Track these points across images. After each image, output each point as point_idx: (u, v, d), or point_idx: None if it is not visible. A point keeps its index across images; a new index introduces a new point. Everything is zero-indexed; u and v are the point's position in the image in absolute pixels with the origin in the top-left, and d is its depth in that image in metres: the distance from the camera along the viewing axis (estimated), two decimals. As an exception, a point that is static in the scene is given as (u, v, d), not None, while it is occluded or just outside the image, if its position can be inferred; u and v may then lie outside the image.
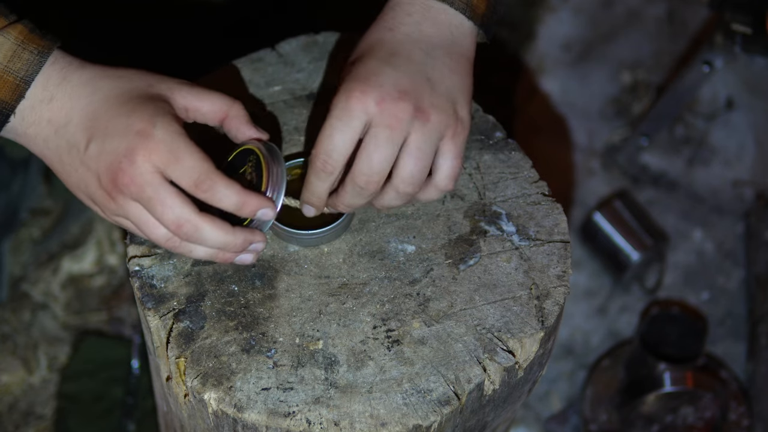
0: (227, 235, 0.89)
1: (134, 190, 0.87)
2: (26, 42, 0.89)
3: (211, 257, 0.91)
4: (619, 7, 2.09)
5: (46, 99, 0.90)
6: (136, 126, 0.87)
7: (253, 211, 0.89)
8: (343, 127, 0.90)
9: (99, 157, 0.88)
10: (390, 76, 0.91)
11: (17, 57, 0.88)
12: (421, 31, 0.94)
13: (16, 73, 0.89)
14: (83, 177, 0.90)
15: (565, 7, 2.10)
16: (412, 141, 0.91)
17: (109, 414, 1.60)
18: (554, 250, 0.98)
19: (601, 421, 1.64)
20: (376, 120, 0.90)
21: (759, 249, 1.76)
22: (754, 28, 1.60)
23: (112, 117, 0.89)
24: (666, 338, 1.64)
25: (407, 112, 0.90)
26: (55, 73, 0.90)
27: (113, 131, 0.88)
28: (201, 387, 0.89)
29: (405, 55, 0.93)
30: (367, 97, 0.90)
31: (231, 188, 0.87)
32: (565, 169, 1.91)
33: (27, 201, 1.75)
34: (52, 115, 0.90)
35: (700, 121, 1.96)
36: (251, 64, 1.10)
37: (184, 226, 0.87)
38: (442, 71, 0.93)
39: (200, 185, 0.87)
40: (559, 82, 2.01)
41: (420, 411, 0.88)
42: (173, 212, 0.87)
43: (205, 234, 0.88)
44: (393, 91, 0.90)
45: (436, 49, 0.94)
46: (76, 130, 0.89)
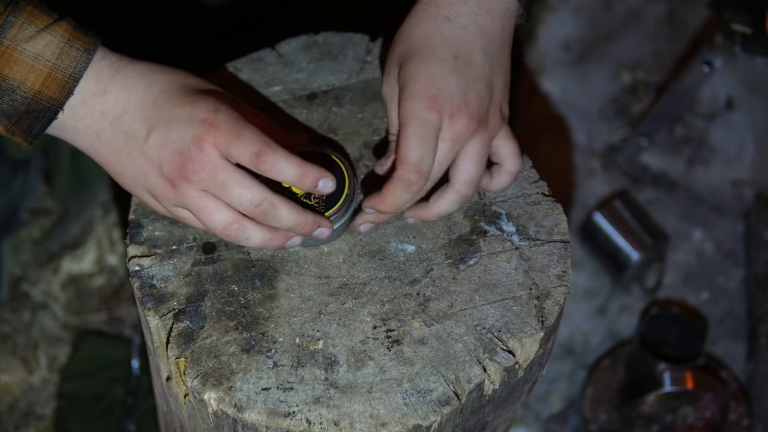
0: (300, 214, 0.90)
1: (205, 177, 0.87)
2: (72, 39, 0.89)
3: (264, 244, 0.91)
4: (619, 7, 2.09)
5: (100, 92, 0.90)
6: (200, 114, 0.88)
7: (315, 181, 0.89)
8: (428, 138, 0.91)
9: (163, 146, 0.88)
10: (458, 87, 0.92)
11: (65, 54, 0.89)
12: (478, 23, 0.94)
13: (65, 70, 0.89)
14: (142, 168, 0.90)
15: (565, 7, 2.10)
16: (471, 146, 0.93)
17: (109, 414, 1.60)
18: (554, 250, 0.98)
19: (601, 421, 1.64)
20: (445, 133, 0.92)
21: (759, 249, 1.76)
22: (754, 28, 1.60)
23: (174, 107, 0.89)
24: (666, 338, 1.64)
25: (473, 126, 0.92)
26: (107, 67, 0.91)
27: (177, 120, 0.88)
28: (201, 387, 0.89)
29: (467, 57, 0.93)
30: (442, 111, 0.91)
31: (291, 159, 0.88)
32: (565, 169, 1.91)
33: (27, 201, 1.75)
34: (105, 107, 0.90)
35: (700, 121, 1.96)
36: (251, 64, 1.10)
37: (262, 204, 0.88)
38: (497, 71, 0.95)
39: (260, 156, 0.87)
40: (559, 82, 2.01)
41: (420, 411, 0.88)
42: (251, 192, 0.88)
43: (281, 212, 0.89)
44: (462, 105, 0.91)
45: (492, 45, 0.95)
46: (134, 120, 0.90)
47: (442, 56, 0.93)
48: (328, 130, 1.05)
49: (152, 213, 0.99)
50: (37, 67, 0.88)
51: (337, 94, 1.08)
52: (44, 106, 0.90)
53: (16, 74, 0.88)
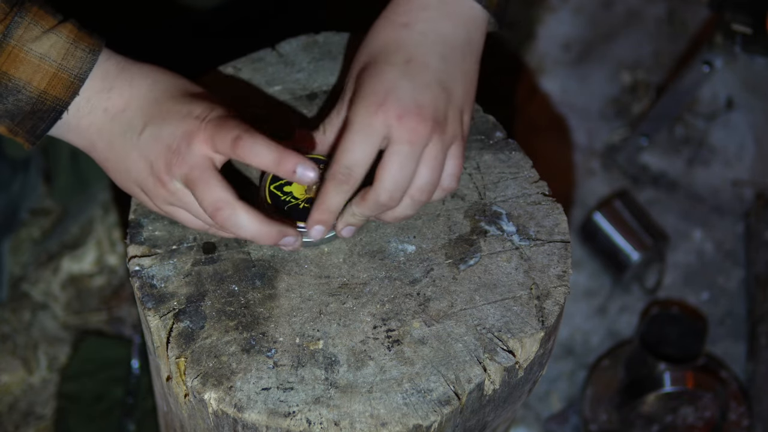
0: (262, 225, 0.89)
1: (184, 170, 0.88)
2: (78, 40, 0.90)
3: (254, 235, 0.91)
4: (619, 7, 2.10)
5: (105, 89, 0.91)
6: (196, 111, 0.89)
7: (293, 167, 0.88)
8: (364, 141, 0.90)
9: (154, 142, 0.89)
10: (408, 90, 0.90)
11: (71, 55, 0.90)
12: (438, 30, 0.93)
13: (71, 70, 0.90)
14: (135, 163, 0.90)
15: (565, 7, 2.10)
16: (429, 152, 0.91)
17: (109, 414, 1.60)
18: (554, 250, 0.98)
19: (601, 421, 1.64)
20: (397, 136, 0.90)
21: (759, 249, 1.76)
22: (754, 28, 1.60)
23: (173, 104, 0.90)
24: (666, 338, 1.64)
25: (427, 127, 0.90)
26: (113, 65, 0.92)
27: (172, 116, 0.89)
28: (201, 387, 0.89)
29: (422, 61, 0.92)
30: (388, 112, 0.89)
31: (270, 144, 0.87)
32: (565, 169, 1.91)
33: (27, 201, 1.75)
34: (109, 104, 0.91)
35: (700, 121, 1.96)
36: (251, 64, 1.10)
37: (223, 208, 0.88)
38: (457, 77, 0.93)
39: (238, 140, 0.86)
40: (559, 82, 2.01)
41: (420, 411, 0.88)
42: (213, 194, 0.87)
43: (241, 219, 0.88)
44: (413, 107, 0.90)
45: (452, 51, 0.93)
46: (134, 115, 0.91)
47: (394, 61, 0.92)
48: (328, 130, 1.05)
49: (152, 213, 0.99)
50: (43, 67, 0.89)
51: (337, 94, 1.08)
52: (49, 106, 0.90)
53: (22, 74, 0.89)
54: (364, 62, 0.94)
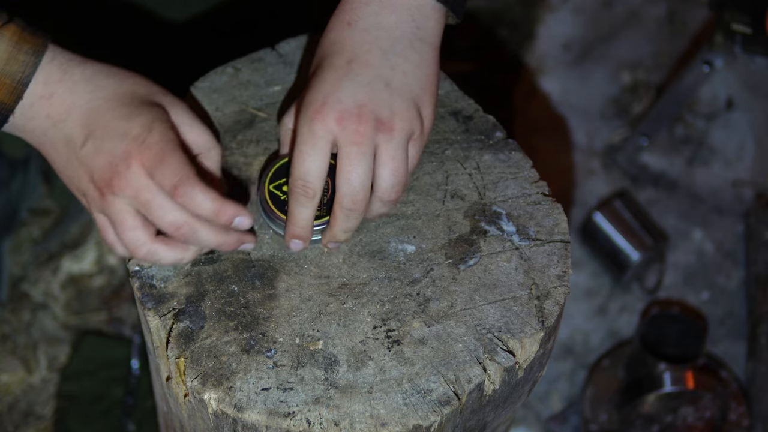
0: (222, 235, 0.90)
1: (129, 193, 0.87)
2: (20, 42, 0.89)
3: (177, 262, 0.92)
4: (619, 7, 2.10)
5: (47, 95, 0.90)
6: (134, 131, 0.88)
7: (230, 218, 0.89)
8: (311, 150, 0.90)
9: (95, 156, 0.88)
10: (347, 90, 0.90)
11: (13, 59, 0.88)
12: (380, 24, 0.92)
13: (13, 75, 0.89)
14: (77, 170, 0.90)
15: (565, 7, 2.10)
16: (383, 152, 0.91)
17: (109, 414, 1.60)
18: (554, 250, 0.98)
19: (601, 421, 1.64)
20: (341, 139, 0.90)
21: (759, 249, 1.76)
22: (754, 28, 1.60)
23: (112, 118, 0.89)
24: (666, 338, 1.64)
25: (369, 126, 0.90)
26: (56, 68, 0.90)
27: (111, 132, 0.88)
28: (201, 387, 0.89)
29: (362, 60, 0.91)
30: (326, 117, 0.89)
31: (208, 195, 0.87)
32: (565, 169, 1.91)
33: (27, 201, 1.75)
34: (51, 110, 0.90)
35: (700, 121, 1.96)
36: (251, 64, 1.10)
37: (182, 227, 0.88)
38: (404, 69, 0.92)
39: (178, 188, 0.87)
40: (559, 82, 2.01)
41: (420, 411, 0.88)
42: (172, 215, 0.87)
43: (202, 234, 0.89)
44: (352, 107, 0.90)
45: (397, 43, 0.92)
46: (75, 126, 0.90)
47: (335, 63, 0.92)
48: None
49: (152, 213, 0.99)
50: None
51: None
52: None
53: None
54: (314, 65, 0.94)
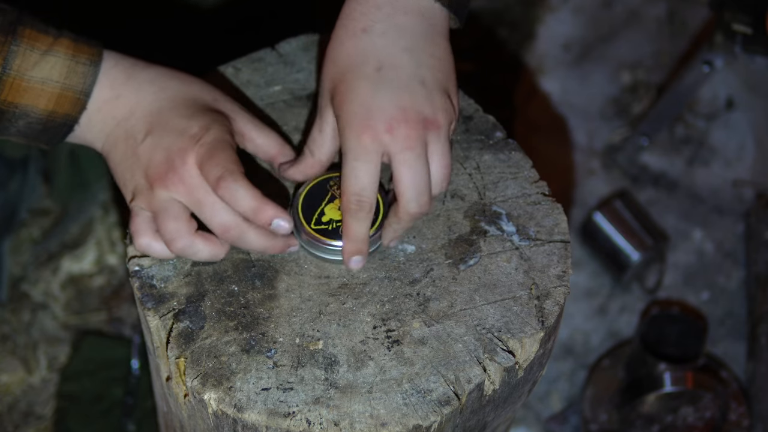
0: (269, 240, 0.92)
1: (182, 190, 0.89)
2: (77, 54, 0.91)
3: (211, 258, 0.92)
4: (619, 7, 2.10)
5: (113, 97, 0.92)
6: (192, 129, 0.90)
7: (269, 219, 0.90)
8: (363, 165, 0.91)
9: (153, 151, 0.90)
10: (387, 97, 0.91)
11: (72, 72, 0.91)
12: (396, 25, 0.93)
13: (75, 87, 0.91)
14: (132, 166, 0.91)
15: (565, 7, 2.10)
16: (433, 149, 0.92)
17: (109, 414, 1.60)
18: (554, 250, 0.98)
19: (601, 421, 1.64)
20: (394, 147, 0.90)
21: (759, 249, 1.76)
22: (754, 28, 1.60)
23: (173, 116, 0.91)
24: (666, 338, 1.64)
25: (418, 128, 0.91)
26: (120, 73, 0.92)
27: (171, 129, 0.90)
28: (201, 387, 0.89)
29: (391, 63, 0.92)
30: (375, 128, 0.90)
31: (250, 192, 0.89)
32: (565, 169, 1.91)
33: (27, 201, 1.75)
34: (117, 111, 0.92)
35: (700, 121, 1.96)
36: (251, 64, 1.10)
37: (232, 230, 0.90)
38: (431, 64, 0.93)
39: (220, 181, 0.88)
40: (559, 82, 2.01)
41: (420, 411, 0.88)
42: (223, 217, 0.89)
43: (250, 238, 0.91)
44: (397, 113, 0.90)
45: (417, 41, 0.93)
46: (137, 122, 0.91)
47: (366, 73, 0.92)
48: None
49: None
50: (47, 90, 0.90)
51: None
52: (60, 122, 0.92)
53: (27, 101, 0.90)
54: (335, 79, 0.94)
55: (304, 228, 0.95)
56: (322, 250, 0.96)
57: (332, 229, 0.95)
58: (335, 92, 0.93)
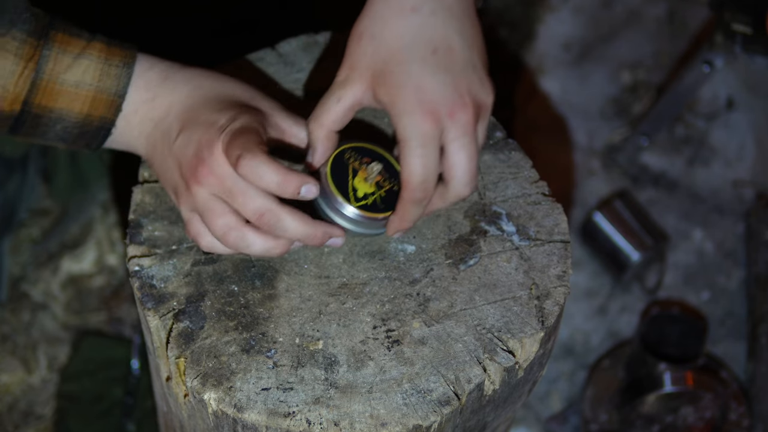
0: (308, 226, 0.89)
1: (213, 182, 0.88)
2: (109, 57, 0.91)
3: (265, 252, 0.90)
4: (619, 7, 2.10)
5: (149, 99, 0.92)
6: (220, 121, 0.89)
7: (297, 189, 0.87)
8: (428, 152, 0.90)
9: (186, 147, 0.90)
10: (447, 83, 0.90)
11: (105, 74, 0.91)
12: (444, 6, 0.91)
13: (109, 89, 0.91)
14: (169, 165, 0.91)
15: (565, 7, 2.10)
16: (480, 130, 0.92)
17: (109, 414, 1.60)
18: (554, 250, 0.98)
19: (601, 421, 1.64)
20: (454, 133, 0.90)
21: (759, 249, 1.76)
22: (754, 28, 1.60)
23: (205, 111, 0.91)
24: (666, 338, 1.64)
25: (473, 114, 0.91)
26: (156, 75, 0.93)
27: (201, 123, 0.90)
28: (201, 387, 0.89)
29: (446, 46, 0.91)
30: (438, 116, 0.89)
31: (271, 166, 0.86)
32: (565, 169, 1.91)
33: (26, 201, 1.75)
34: (154, 113, 0.92)
35: (700, 121, 1.96)
36: (251, 64, 1.10)
37: (266, 215, 0.88)
38: (477, 47, 0.93)
39: (240, 160, 0.86)
40: (559, 82, 2.01)
41: (420, 411, 0.88)
42: (255, 202, 0.87)
43: (287, 223, 0.88)
44: (456, 98, 0.90)
45: (463, 22, 0.92)
46: (173, 121, 0.92)
47: (421, 55, 0.90)
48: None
49: (152, 213, 0.99)
50: (81, 93, 0.90)
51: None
52: (96, 126, 0.92)
53: (62, 104, 0.91)
54: (378, 58, 0.91)
55: (349, 208, 0.93)
56: (371, 227, 0.94)
57: (372, 204, 0.94)
58: (384, 74, 0.91)
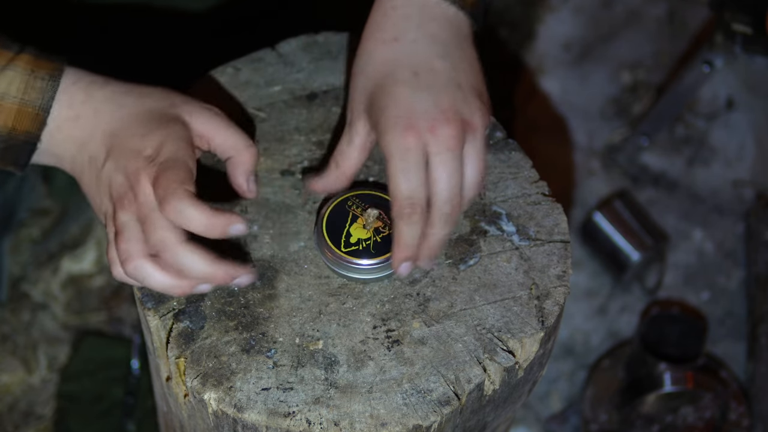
0: (208, 266, 0.86)
1: (134, 209, 0.87)
2: (36, 69, 0.90)
3: (165, 289, 0.88)
4: (619, 7, 2.09)
5: (72, 117, 0.90)
6: (146, 150, 0.88)
7: (224, 229, 0.85)
8: (411, 167, 0.89)
9: (114, 173, 0.88)
10: (427, 100, 0.90)
11: (30, 87, 0.89)
12: (427, 32, 0.93)
13: (33, 102, 0.89)
14: (98, 191, 0.90)
15: (565, 7, 2.10)
16: (470, 151, 0.91)
17: (109, 414, 1.60)
18: (554, 250, 0.98)
19: (601, 421, 1.64)
20: (435, 148, 0.89)
21: (759, 249, 1.76)
22: (754, 28, 1.60)
23: (129, 137, 0.89)
24: (666, 338, 1.64)
25: (458, 128, 0.90)
26: (79, 91, 0.91)
27: (127, 152, 0.88)
28: (201, 387, 0.89)
29: (427, 68, 0.92)
30: (418, 130, 0.89)
31: (198, 208, 0.85)
32: (565, 169, 1.91)
33: (26, 201, 1.75)
34: (77, 132, 0.91)
35: (700, 121, 1.96)
36: (251, 64, 1.10)
37: (168, 249, 0.85)
38: (463, 68, 0.93)
39: (164, 201, 0.84)
40: (559, 82, 2.01)
41: (420, 411, 0.88)
42: (156, 234, 0.85)
43: (186, 260, 0.85)
44: (439, 114, 0.90)
45: (448, 47, 0.93)
46: (97, 146, 0.90)
47: (402, 78, 0.91)
48: (328, 129, 1.05)
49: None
50: (5, 106, 0.89)
51: (337, 94, 1.08)
52: (22, 140, 0.90)
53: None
54: (368, 89, 0.93)
55: (334, 251, 0.94)
56: (356, 272, 0.95)
57: (363, 249, 0.95)
58: (372, 101, 0.92)
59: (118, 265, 0.88)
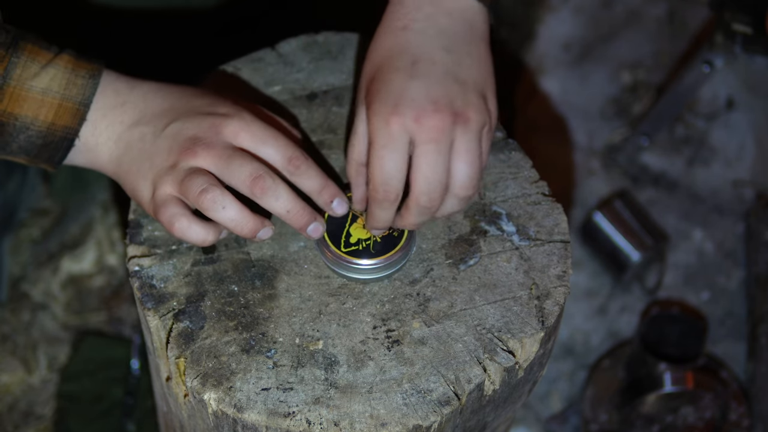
0: (298, 201, 0.91)
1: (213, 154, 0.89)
2: (76, 68, 0.92)
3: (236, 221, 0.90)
4: (619, 7, 2.09)
5: (119, 104, 0.93)
6: (222, 109, 0.91)
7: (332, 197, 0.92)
8: (390, 153, 0.89)
9: (177, 134, 0.91)
10: (419, 89, 0.90)
11: (72, 83, 0.91)
12: (437, 25, 0.93)
13: (74, 98, 0.92)
14: (150, 157, 0.91)
15: (565, 7, 2.10)
16: (460, 145, 0.90)
17: (109, 414, 1.60)
18: (554, 250, 0.98)
19: (601, 421, 1.64)
20: (419, 137, 0.89)
21: (759, 249, 1.75)
22: (754, 28, 1.60)
23: (193, 105, 0.92)
24: (666, 338, 1.64)
25: (447, 121, 0.89)
26: (123, 84, 0.94)
27: (196, 113, 0.91)
28: (201, 387, 0.89)
29: (427, 58, 0.92)
30: (403, 117, 0.89)
31: (319, 170, 0.91)
32: (565, 169, 1.91)
33: (26, 201, 1.75)
34: (125, 117, 0.93)
35: (700, 121, 1.96)
36: (251, 64, 1.10)
37: (263, 177, 0.89)
38: (468, 64, 0.93)
39: (293, 160, 0.90)
40: (559, 82, 2.01)
41: (420, 411, 0.88)
42: (252, 164, 0.89)
43: (281, 191, 0.90)
44: (427, 104, 0.89)
45: (456, 41, 0.93)
46: (151, 120, 0.92)
47: (400, 65, 0.91)
48: (328, 130, 1.05)
49: (152, 213, 0.99)
50: (47, 100, 0.91)
51: (337, 94, 1.08)
52: (60, 136, 0.92)
53: (27, 111, 0.91)
54: (370, 75, 0.94)
55: (334, 251, 0.95)
56: (356, 272, 0.95)
57: (363, 249, 0.95)
58: (369, 86, 0.93)
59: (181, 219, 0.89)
